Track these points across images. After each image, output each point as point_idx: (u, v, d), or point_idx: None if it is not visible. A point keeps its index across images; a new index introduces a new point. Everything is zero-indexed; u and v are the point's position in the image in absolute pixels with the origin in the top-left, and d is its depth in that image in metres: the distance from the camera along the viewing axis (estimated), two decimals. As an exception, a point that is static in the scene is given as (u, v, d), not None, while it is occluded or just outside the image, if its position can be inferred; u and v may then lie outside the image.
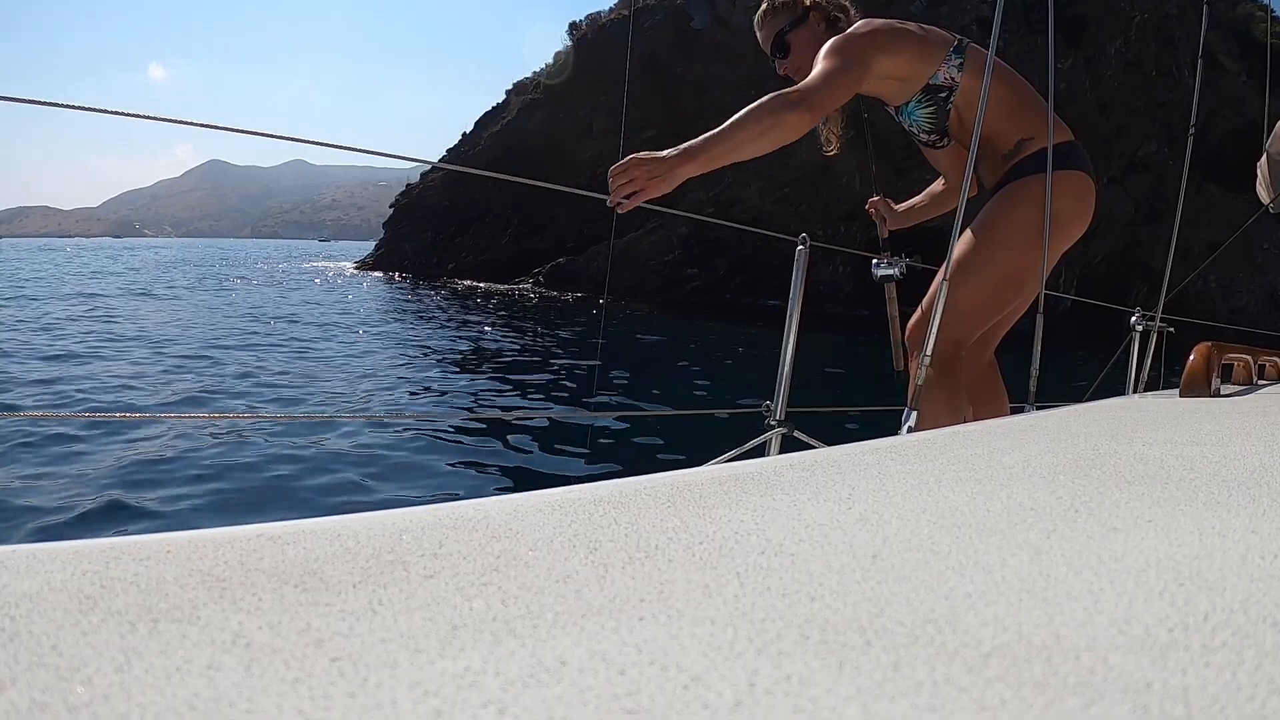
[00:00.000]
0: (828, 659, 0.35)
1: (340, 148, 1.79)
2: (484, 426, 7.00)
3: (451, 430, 6.89)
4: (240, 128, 1.57)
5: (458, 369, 11.24)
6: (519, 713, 0.31)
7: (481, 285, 26.69)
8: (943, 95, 2.06)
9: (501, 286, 26.08)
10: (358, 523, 0.55)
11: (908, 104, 2.10)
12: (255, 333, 13.11)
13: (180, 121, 1.54)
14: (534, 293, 24.30)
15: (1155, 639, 0.37)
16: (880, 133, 2.50)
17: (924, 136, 2.18)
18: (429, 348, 13.06)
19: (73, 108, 1.43)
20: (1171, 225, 2.63)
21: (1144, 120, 23.52)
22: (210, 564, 0.47)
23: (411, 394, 9.19)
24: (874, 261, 2.40)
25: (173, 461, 5.40)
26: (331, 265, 44.45)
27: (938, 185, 2.46)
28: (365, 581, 0.45)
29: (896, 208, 2.57)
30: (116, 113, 1.52)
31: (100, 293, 20.92)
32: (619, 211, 1.79)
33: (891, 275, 2.40)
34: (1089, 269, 21.59)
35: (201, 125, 1.64)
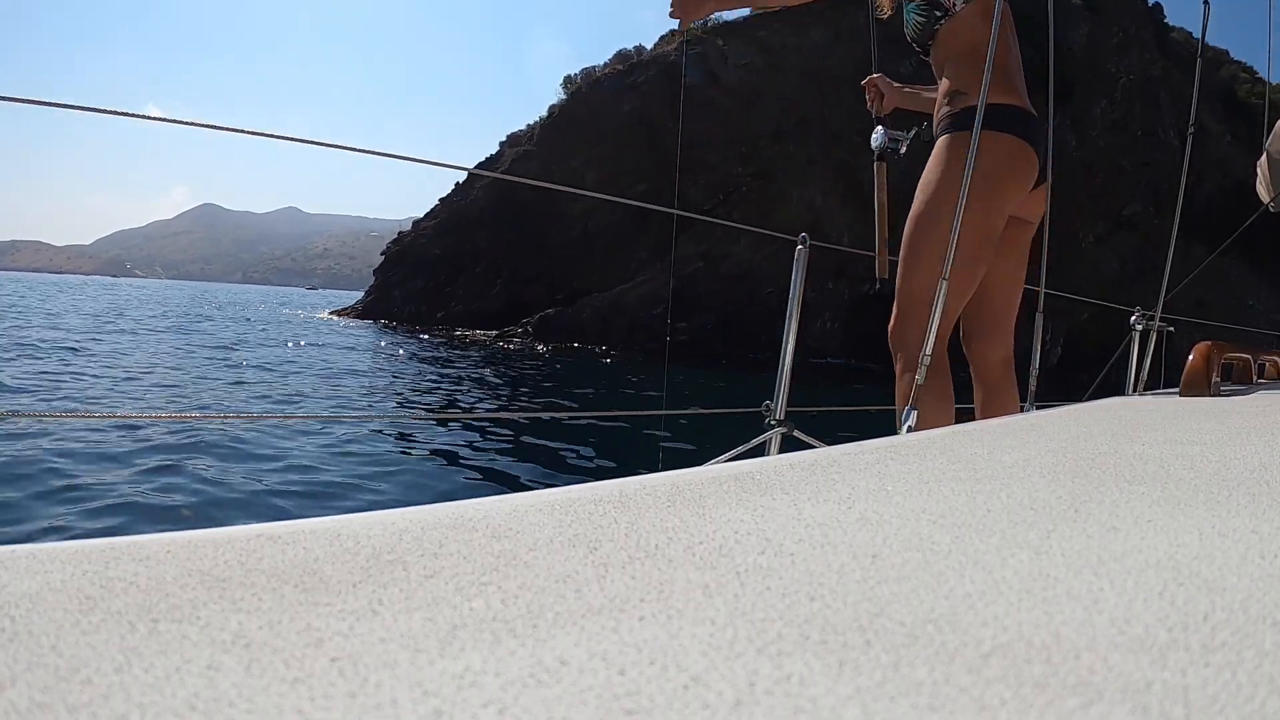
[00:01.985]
0: (828, 659, 0.35)
1: (351, 149, 1.79)
2: (484, 428, 7.00)
3: (450, 431, 6.88)
4: (244, 129, 1.57)
5: (453, 372, 11.28)
6: (519, 713, 0.31)
7: (480, 333, 26.57)
8: (938, 13, 2.05)
9: (487, 334, 25.93)
10: (358, 523, 0.55)
11: (910, 1, 2.10)
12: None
13: (179, 122, 1.54)
14: (514, 343, 24.12)
15: (1155, 639, 0.37)
16: (865, 185, 2.47)
17: (909, 41, 2.16)
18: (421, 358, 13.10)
19: (73, 108, 1.43)
20: (1161, 279, 2.54)
21: (1130, 180, 23.89)
22: (210, 564, 0.47)
23: (410, 396, 9.21)
24: (874, 133, 2.27)
25: (171, 461, 5.40)
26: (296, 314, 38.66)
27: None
28: (365, 581, 0.45)
29: (903, 88, 2.44)
30: (116, 113, 1.52)
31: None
32: (680, 24, 2.05)
33: (895, 149, 2.24)
34: (1075, 325, 21.80)
35: (203, 126, 1.64)
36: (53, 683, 0.32)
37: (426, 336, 24.44)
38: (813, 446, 1.94)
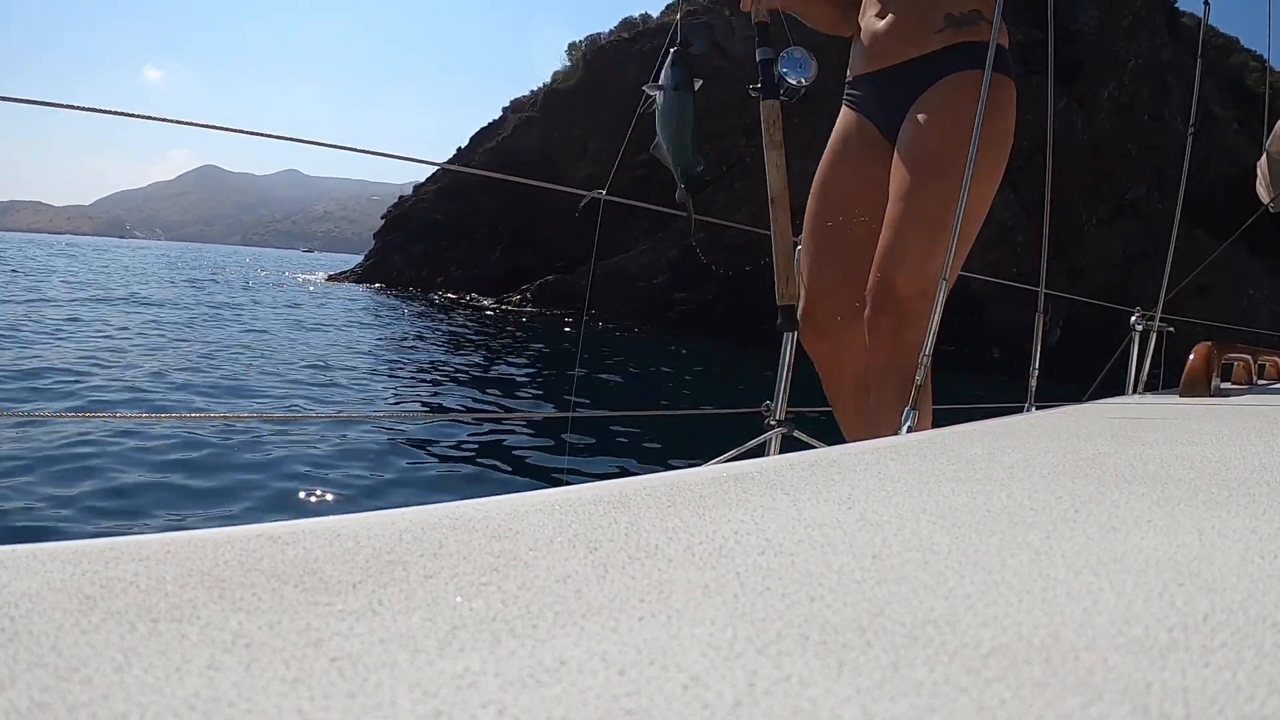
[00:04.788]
0: (827, 659, 0.35)
1: (338, 147, 1.79)
2: (484, 427, 7.00)
3: (448, 431, 6.88)
4: (240, 128, 1.57)
5: (452, 370, 11.28)
6: (519, 713, 0.31)
7: (484, 300, 26.81)
8: None
9: (488, 300, 26.22)
10: (357, 523, 0.55)
11: None
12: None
13: (176, 121, 1.54)
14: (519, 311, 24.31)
15: (1155, 639, 0.37)
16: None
17: None
18: (419, 352, 13.10)
19: (74, 108, 1.43)
20: (1163, 266, 2.41)
21: (1135, 164, 23.84)
22: (210, 564, 0.47)
23: (408, 395, 9.20)
24: (775, 56, 1.54)
25: (170, 461, 5.40)
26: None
27: None
28: (365, 581, 0.45)
29: None
30: (115, 113, 1.52)
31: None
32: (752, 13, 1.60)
33: (799, 81, 1.50)
34: (1075, 310, 21.73)
35: (197, 125, 1.64)
36: (52, 682, 0.32)
37: (432, 303, 24.35)
38: (813, 447, 1.93)
